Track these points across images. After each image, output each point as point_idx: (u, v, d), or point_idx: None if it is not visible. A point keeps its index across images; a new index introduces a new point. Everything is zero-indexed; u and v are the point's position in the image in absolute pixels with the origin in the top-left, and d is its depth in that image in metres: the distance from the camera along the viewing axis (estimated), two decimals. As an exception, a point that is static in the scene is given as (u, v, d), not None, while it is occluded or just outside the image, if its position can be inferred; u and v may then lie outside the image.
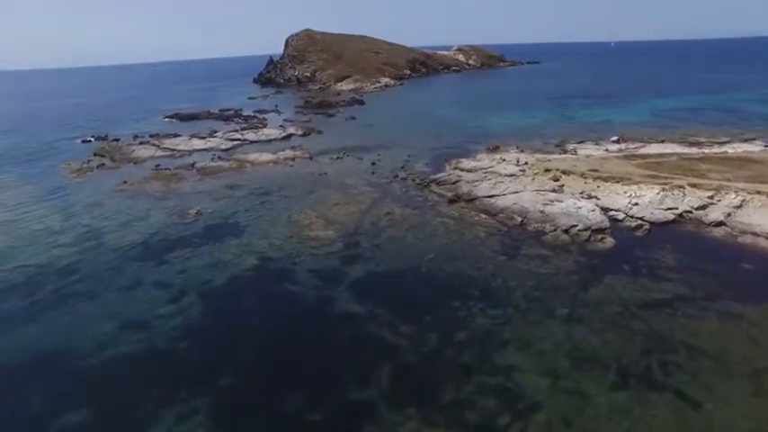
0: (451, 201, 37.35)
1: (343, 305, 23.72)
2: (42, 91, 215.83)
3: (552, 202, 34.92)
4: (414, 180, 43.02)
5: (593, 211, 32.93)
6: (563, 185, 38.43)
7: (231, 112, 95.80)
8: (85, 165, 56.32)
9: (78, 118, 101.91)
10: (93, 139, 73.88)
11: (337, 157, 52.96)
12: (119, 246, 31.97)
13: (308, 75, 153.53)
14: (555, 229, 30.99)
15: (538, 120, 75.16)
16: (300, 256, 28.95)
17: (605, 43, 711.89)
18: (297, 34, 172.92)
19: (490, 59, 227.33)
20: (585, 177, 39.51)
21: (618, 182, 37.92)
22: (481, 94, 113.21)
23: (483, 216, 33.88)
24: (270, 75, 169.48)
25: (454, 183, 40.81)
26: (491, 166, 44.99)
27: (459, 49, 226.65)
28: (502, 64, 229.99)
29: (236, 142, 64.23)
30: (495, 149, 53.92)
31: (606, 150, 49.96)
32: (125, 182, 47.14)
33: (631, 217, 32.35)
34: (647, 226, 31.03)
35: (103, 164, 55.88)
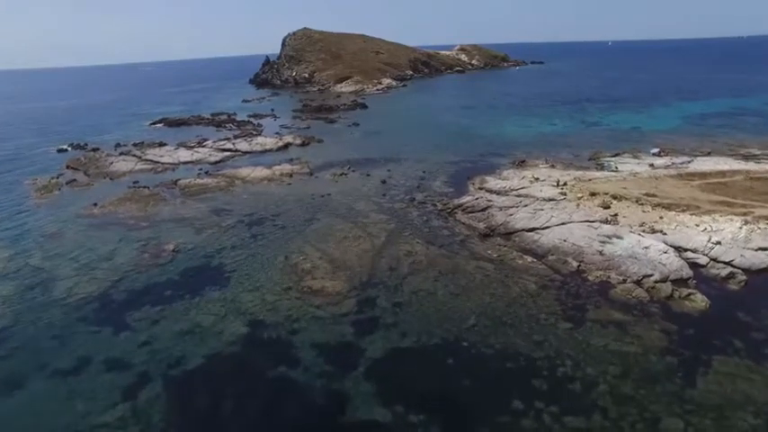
0: (485, 235, 30.71)
1: (362, 408, 17.02)
2: (25, 92, 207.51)
3: (610, 238, 28.32)
4: (435, 205, 36.36)
5: (665, 252, 26.33)
6: (616, 215, 31.85)
7: (224, 116, 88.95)
8: (54, 180, 49.55)
9: (59, 122, 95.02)
10: (69, 148, 67.06)
11: (341, 174, 46.22)
12: (70, 299, 25.19)
13: (306, 76, 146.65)
14: (623, 280, 24.39)
15: (559, 127, 68.68)
16: (301, 321, 22.23)
17: (603, 42, 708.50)
18: (294, 33, 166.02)
19: (494, 59, 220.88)
20: (642, 204, 32.92)
21: (683, 210, 31.36)
22: (491, 97, 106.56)
23: (528, 259, 27.20)
24: (266, 76, 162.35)
25: (484, 209, 34.15)
26: (523, 187, 38.36)
27: (462, 49, 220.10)
28: (505, 64, 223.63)
29: (226, 153, 57.45)
30: (522, 164, 47.37)
31: (651, 166, 43.38)
32: (95, 204, 40.36)
33: (716, 261, 25.77)
34: (741, 275, 24.42)
35: (75, 180, 49.07)
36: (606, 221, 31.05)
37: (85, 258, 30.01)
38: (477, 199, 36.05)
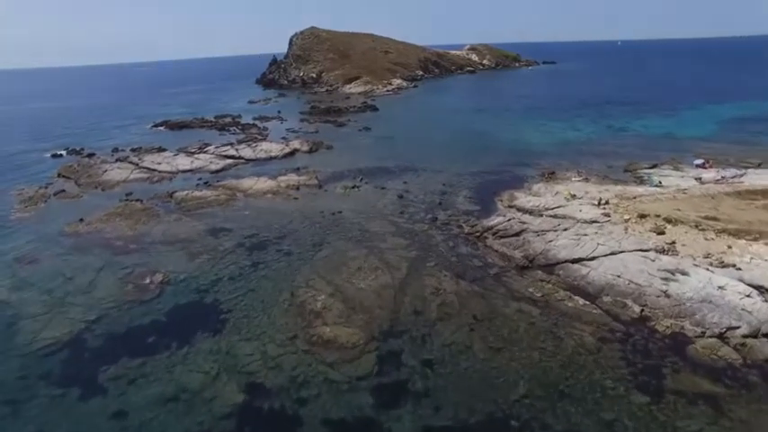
0: (522, 267, 26.39)
1: None
2: (21, 92, 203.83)
3: (674, 274, 23.92)
4: (460, 227, 32.08)
5: (747, 296, 21.88)
6: (674, 242, 27.39)
7: (228, 119, 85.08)
8: (42, 190, 45.80)
9: (57, 124, 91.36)
10: (64, 153, 63.39)
11: (353, 186, 42.02)
12: (35, 347, 21.18)
13: (314, 76, 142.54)
14: (702, 333, 20.03)
15: (584, 132, 64.09)
16: (310, 385, 18.03)
17: (612, 42, 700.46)
18: (302, 32, 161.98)
19: (505, 59, 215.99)
20: (703, 229, 28.46)
21: (756, 239, 26.88)
22: (506, 99, 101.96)
23: (578, 300, 22.85)
24: (273, 76, 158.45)
25: (518, 234, 29.84)
26: (559, 206, 33.99)
27: (473, 48, 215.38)
28: (517, 64, 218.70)
29: (228, 161, 53.41)
30: (551, 176, 42.99)
31: (699, 181, 38.88)
32: (81, 219, 36.51)
33: (811, 308, 21.29)
34: None
35: (63, 190, 45.19)
36: (663, 251, 26.62)
37: (61, 290, 26.01)
38: (508, 220, 31.72)
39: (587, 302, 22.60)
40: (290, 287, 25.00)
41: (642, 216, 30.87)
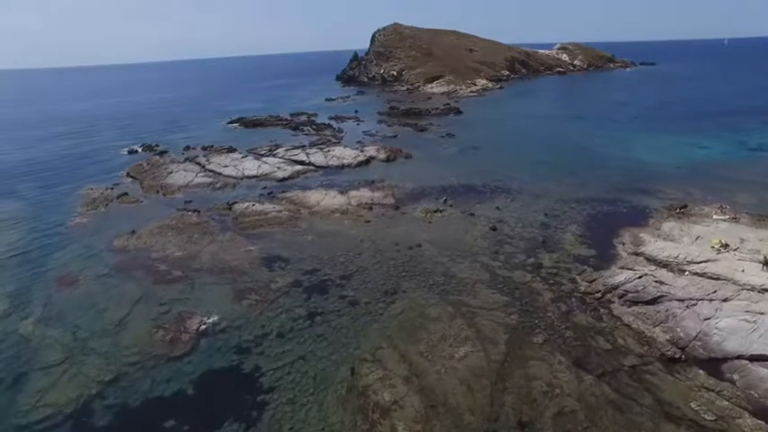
0: (671, 359, 18.84)
1: None
2: (89, 90, 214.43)
3: None
4: (573, 280, 24.79)
5: None
6: None
7: (303, 117, 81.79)
8: (108, 191, 43.98)
9: (142, 118, 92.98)
10: (140, 150, 62.66)
11: (436, 210, 35.61)
12: (32, 417, 17.01)
13: (395, 74, 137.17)
14: None
15: (713, 151, 53.26)
16: None
17: (718, 40, 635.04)
18: (384, 29, 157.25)
19: (599, 60, 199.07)
20: None
21: None
22: (604, 106, 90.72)
23: (777, 435, 15.11)
24: (353, 72, 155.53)
25: (655, 300, 22.18)
26: (708, 260, 25.62)
27: (563, 48, 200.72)
28: (612, 65, 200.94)
29: (297, 167, 48.93)
30: (684, 211, 34.23)
31: None
32: (133, 232, 33.21)
33: None
34: None
35: (126, 193, 42.73)
36: None
37: (87, 329, 22.05)
38: (639, 278, 24.01)
39: (792, 442, 14.83)
40: (352, 358, 19.23)
41: (842, 289, 22.00)
